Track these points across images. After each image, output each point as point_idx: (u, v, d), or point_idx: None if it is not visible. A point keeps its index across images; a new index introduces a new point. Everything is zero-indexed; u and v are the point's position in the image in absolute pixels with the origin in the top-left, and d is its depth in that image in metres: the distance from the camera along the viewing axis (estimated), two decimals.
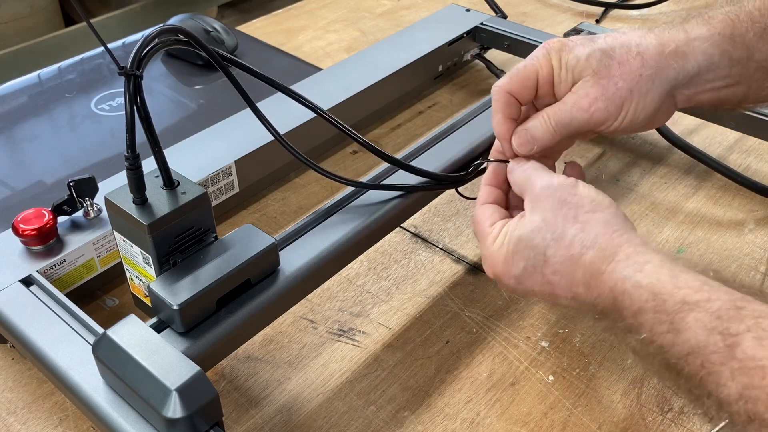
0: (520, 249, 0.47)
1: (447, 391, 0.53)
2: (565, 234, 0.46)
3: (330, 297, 0.60)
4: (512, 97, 0.52)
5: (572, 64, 0.51)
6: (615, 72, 0.50)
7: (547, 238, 0.46)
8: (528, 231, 0.47)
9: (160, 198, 0.45)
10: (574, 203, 0.47)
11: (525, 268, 0.47)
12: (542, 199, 0.48)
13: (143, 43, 0.41)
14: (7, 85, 0.85)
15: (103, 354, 0.43)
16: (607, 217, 0.47)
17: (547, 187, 0.48)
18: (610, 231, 0.46)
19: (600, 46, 0.51)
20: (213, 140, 0.68)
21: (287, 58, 0.92)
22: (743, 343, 0.38)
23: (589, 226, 0.46)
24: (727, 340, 0.38)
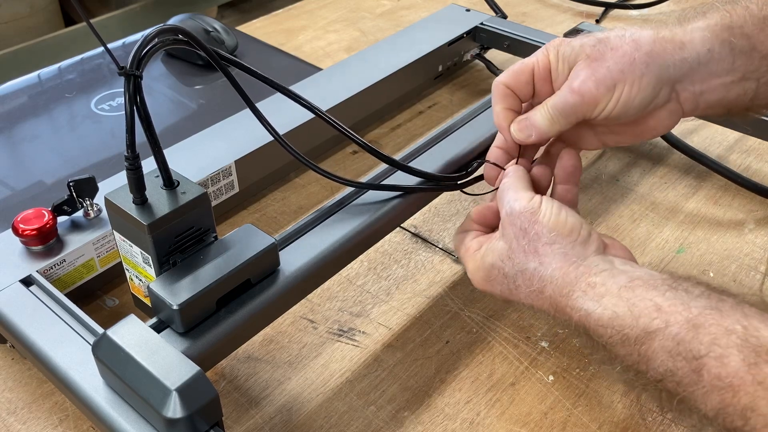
0: (493, 275, 0.49)
1: (447, 391, 0.53)
2: (527, 267, 0.47)
3: (330, 297, 0.60)
4: (510, 90, 0.52)
5: (567, 54, 0.50)
6: (608, 56, 0.49)
7: (513, 269, 0.48)
8: (498, 259, 0.49)
9: (160, 198, 0.45)
10: (534, 233, 0.47)
11: (502, 292, 0.49)
12: (506, 225, 0.49)
13: (143, 43, 0.41)
14: (7, 85, 0.85)
15: (103, 354, 0.43)
16: (565, 249, 0.47)
17: (509, 214, 0.49)
18: (566, 264, 0.46)
19: (596, 36, 0.51)
20: (213, 140, 0.68)
21: (287, 58, 0.92)
22: (707, 365, 0.38)
23: (547, 260, 0.47)
24: (692, 364, 0.39)
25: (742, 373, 0.37)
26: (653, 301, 0.42)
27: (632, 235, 0.66)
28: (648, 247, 0.65)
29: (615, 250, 0.48)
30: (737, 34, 0.49)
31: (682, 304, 0.41)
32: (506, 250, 0.48)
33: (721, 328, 0.39)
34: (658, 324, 0.41)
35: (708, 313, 0.40)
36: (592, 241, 0.47)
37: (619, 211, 0.69)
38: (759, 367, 0.37)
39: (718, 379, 0.38)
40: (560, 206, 0.48)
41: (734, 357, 0.37)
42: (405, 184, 0.57)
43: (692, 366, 0.39)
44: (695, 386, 0.39)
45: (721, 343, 0.38)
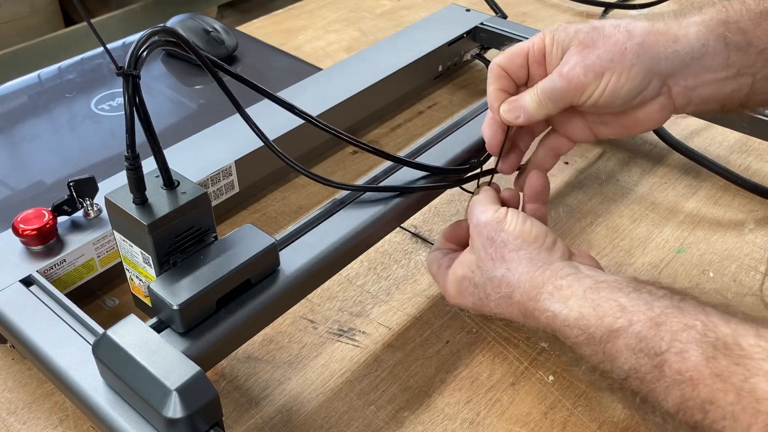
0: (465, 287, 0.51)
1: (447, 391, 0.53)
2: (495, 275, 0.49)
3: (330, 297, 0.60)
4: (504, 72, 0.53)
5: (561, 39, 0.51)
6: (599, 43, 0.49)
7: (483, 278, 0.49)
8: (468, 270, 0.50)
9: (160, 198, 0.45)
10: (500, 241, 0.49)
11: (474, 303, 0.51)
12: (474, 236, 0.51)
13: (138, 43, 0.41)
14: (7, 85, 0.85)
15: (103, 354, 0.43)
16: (531, 254, 0.48)
17: (476, 225, 0.50)
18: (533, 269, 0.47)
19: (592, 23, 0.51)
20: (213, 140, 0.68)
21: (287, 58, 0.92)
22: (668, 360, 0.40)
23: (514, 266, 0.48)
24: (654, 360, 0.40)
25: (701, 367, 0.38)
26: (617, 301, 0.43)
27: (632, 235, 0.66)
28: (648, 247, 0.65)
29: (581, 258, 0.50)
30: (733, 29, 0.49)
31: (645, 304, 0.42)
32: (475, 260, 0.50)
33: (681, 324, 0.40)
34: (621, 323, 0.42)
35: (669, 311, 0.41)
36: (557, 248, 0.49)
37: (619, 211, 0.69)
38: (717, 360, 0.38)
39: (679, 373, 0.39)
40: (525, 216, 0.50)
41: (693, 351, 0.39)
42: (402, 184, 0.57)
43: (654, 362, 0.40)
44: (657, 382, 0.40)
45: (681, 339, 0.39)
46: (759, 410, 0.36)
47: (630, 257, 0.64)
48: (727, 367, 0.37)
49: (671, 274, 0.62)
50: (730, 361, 0.37)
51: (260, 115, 0.69)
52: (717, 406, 0.37)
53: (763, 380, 0.36)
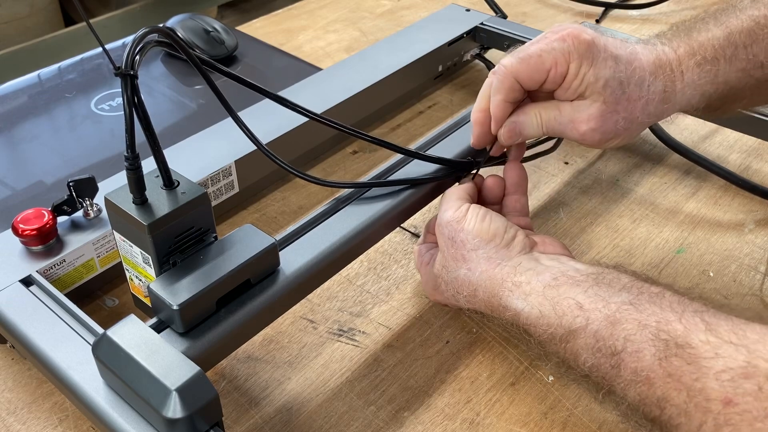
0: (438, 284, 0.53)
1: (447, 391, 0.53)
2: (458, 274, 0.51)
3: (330, 297, 0.60)
4: (518, 85, 0.52)
5: (588, 81, 0.51)
6: (621, 108, 0.52)
7: (449, 275, 0.51)
8: (438, 269, 0.53)
9: (160, 198, 0.45)
10: (459, 241, 0.51)
11: (448, 299, 0.53)
12: (438, 236, 0.53)
13: (134, 43, 0.41)
14: (7, 85, 0.85)
15: (103, 354, 0.43)
16: (489, 253, 0.50)
17: (438, 224, 0.53)
18: (492, 266, 0.49)
19: (619, 76, 0.51)
20: (213, 140, 0.68)
21: (287, 58, 0.92)
22: (625, 360, 0.41)
23: (474, 265, 0.50)
24: (611, 360, 0.42)
25: (654, 367, 0.39)
26: (575, 299, 0.44)
27: (632, 235, 0.66)
28: (648, 247, 0.65)
29: (544, 246, 0.51)
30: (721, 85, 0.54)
31: (602, 301, 0.43)
32: (442, 259, 0.52)
33: (636, 322, 0.41)
34: (579, 322, 0.43)
35: (625, 308, 0.42)
36: (516, 243, 0.50)
37: (619, 211, 0.69)
38: (669, 360, 0.39)
39: (635, 373, 0.40)
40: (486, 212, 0.51)
41: (647, 352, 0.40)
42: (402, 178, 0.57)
43: (611, 362, 0.41)
44: (616, 380, 0.41)
45: (635, 339, 0.41)
46: (709, 409, 0.37)
47: (630, 257, 0.64)
48: (679, 367, 0.39)
49: (671, 274, 0.62)
50: (682, 361, 0.39)
51: (260, 115, 0.69)
52: (672, 404, 0.39)
53: (712, 380, 0.37)
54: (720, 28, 0.53)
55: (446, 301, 0.54)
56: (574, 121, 0.52)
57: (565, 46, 0.51)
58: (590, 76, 0.51)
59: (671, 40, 0.54)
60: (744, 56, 0.52)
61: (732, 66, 0.53)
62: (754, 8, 0.53)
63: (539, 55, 0.51)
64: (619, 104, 0.51)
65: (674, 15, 1.05)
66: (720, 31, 0.53)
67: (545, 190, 0.72)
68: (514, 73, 0.52)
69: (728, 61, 0.52)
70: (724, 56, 0.52)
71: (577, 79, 0.51)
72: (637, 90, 0.52)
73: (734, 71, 0.53)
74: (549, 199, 0.70)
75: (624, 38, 0.54)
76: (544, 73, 0.51)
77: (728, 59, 0.52)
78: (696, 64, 0.52)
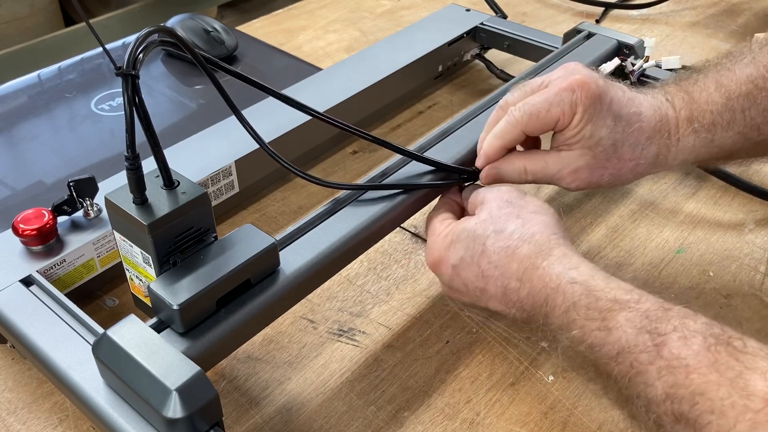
0: (462, 238, 0.50)
1: (447, 391, 0.53)
2: (506, 227, 0.49)
3: (330, 297, 0.60)
4: (523, 134, 0.53)
5: (583, 135, 0.52)
6: (610, 165, 0.53)
7: (488, 230, 0.49)
8: (473, 224, 0.50)
9: (160, 198, 0.45)
10: (519, 204, 0.50)
11: (463, 258, 0.50)
12: (490, 200, 0.51)
13: (137, 42, 0.41)
14: (7, 85, 0.85)
15: (103, 354, 0.43)
16: (548, 220, 0.49)
17: (496, 190, 0.52)
18: (548, 231, 0.48)
19: (615, 136, 0.52)
20: (213, 140, 0.68)
21: (287, 58, 0.92)
22: (669, 343, 0.39)
23: (530, 224, 0.49)
24: (656, 339, 0.40)
25: (700, 356, 0.38)
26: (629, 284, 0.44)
27: (632, 235, 0.66)
28: (648, 247, 0.65)
29: None
30: None
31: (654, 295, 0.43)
32: (485, 216, 0.50)
33: (691, 313, 0.40)
34: (631, 297, 0.42)
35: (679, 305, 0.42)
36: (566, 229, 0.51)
37: (619, 211, 0.69)
38: (717, 350, 0.38)
39: (677, 358, 0.39)
40: None
41: (697, 339, 0.39)
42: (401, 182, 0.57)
43: (655, 341, 0.40)
44: (651, 364, 0.39)
45: (688, 326, 0.40)
46: (748, 407, 0.35)
47: (630, 257, 0.64)
48: (725, 361, 0.37)
49: (671, 274, 0.62)
50: (730, 356, 0.37)
51: (260, 115, 0.69)
52: (707, 398, 0.37)
53: (759, 377, 0.36)
54: (719, 92, 0.53)
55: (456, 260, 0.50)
56: (561, 172, 0.54)
57: (574, 98, 0.51)
58: (586, 131, 0.52)
59: (674, 98, 0.54)
60: (741, 120, 0.53)
61: (728, 131, 0.53)
62: (753, 66, 0.53)
63: (548, 109, 0.51)
64: (608, 162, 0.53)
65: (674, 15, 1.05)
66: (719, 95, 0.53)
67: (545, 189, 0.72)
68: (522, 127, 0.53)
69: (725, 128, 0.53)
70: (722, 123, 0.53)
71: (574, 131, 0.52)
72: (630, 152, 0.53)
73: (730, 135, 0.53)
74: (549, 199, 0.70)
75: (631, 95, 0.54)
76: (551, 125, 0.53)
77: (725, 126, 0.53)
78: (693, 131, 0.53)
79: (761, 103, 0.52)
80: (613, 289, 0.43)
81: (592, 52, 0.76)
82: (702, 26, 1.02)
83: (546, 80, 0.54)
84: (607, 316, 0.42)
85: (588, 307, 0.43)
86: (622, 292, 0.43)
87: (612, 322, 0.42)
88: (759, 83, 0.52)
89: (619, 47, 0.78)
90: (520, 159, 0.55)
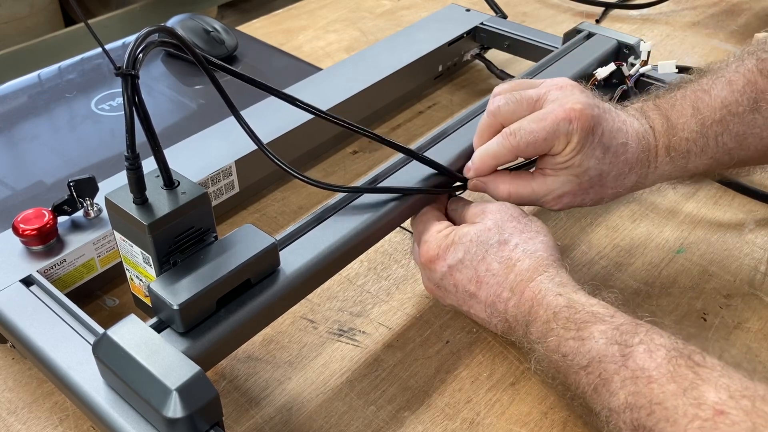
0: (464, 241, 0.51)
1: (447, 391, 0.53)
2: (511, 240, 0.51)
3: (330, 297, 0.61)
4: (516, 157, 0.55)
5: (572, 164, 0.53)
6: (592, 191, 0.55)
7: (493, 239, 0.51)
8: (478, 230, 0.51)
9: (160, 198, 0.45)
10: (524, 222, 0.52)
11: (462, 260, 0.51)
12: (495, 211, 0.53)
13: (136, 42, 0.41)
14: (7, 85, 0.85)
15: (103, 354, 0.43)
16: (548, 242, 0.52)
17: (500, 205, 0.54)
18: (548, 251, 0.50)
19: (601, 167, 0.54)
20: (213, 140, 0.68)
21: (287, 58, 0.92)
22: (635, 354, 0.41)
23: (533, 241, 0.51)
24: (624, 351, 0.42)
25: (662, 368, 0.40)
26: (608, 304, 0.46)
27: (632, 235, 0.66)
28: (648, 247, 0.65)
29: None
30: None
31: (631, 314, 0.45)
32: (491, 224, 0.52)
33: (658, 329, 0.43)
34: (607, 312, 0.45)
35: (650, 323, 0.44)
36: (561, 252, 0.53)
37: (619, 211, 0.69)
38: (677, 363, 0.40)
39: (641, 369, 0.41)
40: None
41: (661, 352, 0.41)
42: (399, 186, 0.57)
43: (623, 352, 0.42)
44: (617, 373, 0.41)
45: (655, 340, 0.42)
46: (698, 415, 0.37)
47: (630, 257, 0.64)
48: (683, 372, 0.39)
49: (671, 274, 0.62)
50: (688, 368, 0.39)
51: (260, 115, 0.70)
52: (663, 407, 0.39)
53: (711, 389, 0.38)
54: (695, 118, 0.55)
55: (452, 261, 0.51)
56: (545, 197, 0.55)
57: (570, 128, 0.52)
58: (576, 160, 0.53)
59: (654, 124, 0.56)
60: (714, 146, 0.55)
61: (702, 157, 0.55)
62: (728, 89, 0.55)
63: (545, 138, 0.52)
64: (591, 188, 0.55)
65: (674, 15, 1.05)
66: (694, 122, 0.55)
67: None
68: (518, 152, 0.54)
69: (698, 155, 0.55)
70: (695, 150, 0.55)
71: (564, 159, 0.53)
72: (613, 181, 0.55)
73: (704, 160, 0.55)
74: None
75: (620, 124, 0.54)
76: (545, 152, 0.54)
77: (698, 152, 0.55)
78: (670, 159, 0.55)
79: (733, 129, 0.54)
80: (594, 305, 0.45)
81: (592, 52, 0.76)
82: (702, 26, 1.02)
83: (541, 95, 0.54)
84: (582, 327, 0.44)
85: (567, 319, 0.45)
86: (600, 307, 0.45)
87: (586, 333, 0.44)
88: (732, 109, 0.54)
89: (619, 47, 0.78)
90: (507, 183, 0.56)
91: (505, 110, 0.55)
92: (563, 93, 0.54)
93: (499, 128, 0.55)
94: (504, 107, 0.55)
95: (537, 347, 0.47)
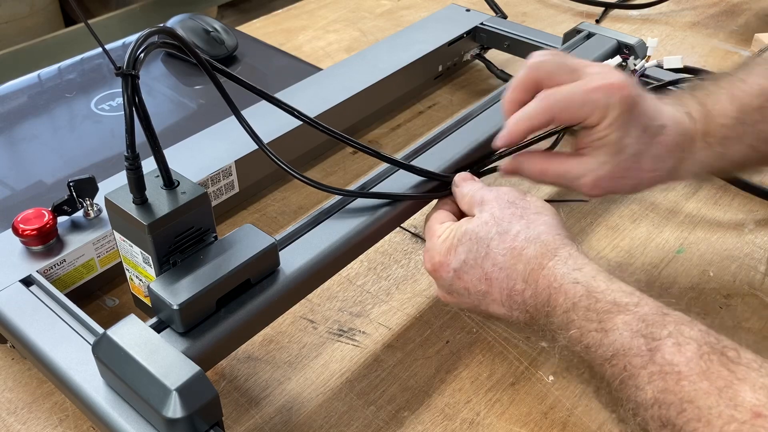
0: (464, 241, 0.49)
1: (447, 391, 0.53)
2: (511, 229, 0.48)
3: (330, 297, 0.60)
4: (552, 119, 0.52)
5: (609, 141, 0.51)
6: (630, 175, 0.53)
7: (492, 232, 0.49)
8: (475, 225, 0.49)
9: (160, 198, 0.45)
10: (522, 205, 0.50)
11: (466, 261, 0.49)
12: (491, 200, 0.51)
13: (137, 43, 0.41)
14: (7, 85, 0.85)
15: (103, 354, 0.43)
16: (551, 220, 0.49)
17: (496, 191, 0.52)
18: (553, 232, 0.48)
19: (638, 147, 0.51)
20: (213, 140, 0.68)
21: (287, 58, 0.92)
22: (663, 348, 0.39)
23: (534, 225, 0.48)
24: (650, 344, 0.40)
25: (692, 363, 0.38)
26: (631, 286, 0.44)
27: (632, 235, 0.66)
28: (648, 247, 0.65)
29: None
30: None
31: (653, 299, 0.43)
32: (487, 217, 0.50)
33: (688, 319, 0.41)
34: (630, 300, 0.42)
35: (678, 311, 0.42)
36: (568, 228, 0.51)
37: (619, 211, 0.69)
38: (709, 358, 0.38)
39: (670, 364, 0.39)
40: None
41: (691, 346, 0.39)
42: (398, 190, 0.57)
43: (649, 345, 0.40)
44: (644, 368, 0.40)
45: (684, 332, 0.40)
46: (734, 417, 0.35)
47: (630, 257, 0.64)
48: (717, 370, 0.37)
49: (671, 274, 0.62)
50: (722, 366, 0.37)
51: (260, 115, 0.69)
52: (695, 406, 0.37)
53: (748, 389, 0.36)
54: (733, 105, 0.53)
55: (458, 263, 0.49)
56: (582, 179, 0.53)
57: (609, 101, 0.50)
58: (613, 137, 0.51)
59: (691, 110, 0.54)
60: (752, 134, 0.53)
61: (739, 144, 0.53)
62: (764, 78, 0.53)
63: (582, 104, 0.50)
64: (629, 171, 0.52)
65: (674, 15, 1.05)
66: (732, 108, 0.53)
67: (546, 189, 0.72)
68: (553, 114, 0.51)
69: (736, 141, 0.53)
70: (733, 136, 0.53)
71: (601, 134, 0.51)
72: (650, 163, 0.52)
73: (742, 148, 0.53)
74: (549, 199, 0.70)
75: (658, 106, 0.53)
76: (580, 120, 0.51)
77: (736, 139, 0.53)
78: (707, 145, 0.53)
79: None
80: (614, 291, 0.43)
81: (592, 52, 0.77)
82: (702, 26, 1.02)
83: (580, 67, 0.52)
84: (605, 318, 0.42)
85: (587, 309, 0.43)
86: (623, 294, 0.43)
87: (609, 324, 0.42)
88: None
89: (619, 47, 0.78)
90: (542, 162, 0.54)
91: (546, 67, 0.52)
92: (604, 68, 0.52)
93: (533, 86, 0.53)
94: (546, 63, 0.52)
95: (559, 337, 0.45)
